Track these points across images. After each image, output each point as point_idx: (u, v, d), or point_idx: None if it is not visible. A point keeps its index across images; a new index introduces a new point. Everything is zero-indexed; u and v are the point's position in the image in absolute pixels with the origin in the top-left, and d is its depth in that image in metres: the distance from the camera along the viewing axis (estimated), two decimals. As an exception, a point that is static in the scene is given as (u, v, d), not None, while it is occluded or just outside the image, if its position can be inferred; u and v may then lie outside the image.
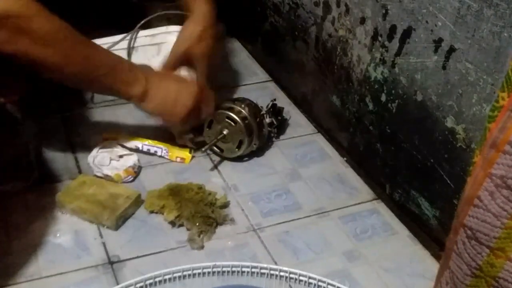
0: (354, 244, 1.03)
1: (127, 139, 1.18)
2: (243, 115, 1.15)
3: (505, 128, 0.57)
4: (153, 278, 0.89)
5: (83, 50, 0.95)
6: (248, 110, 1.16)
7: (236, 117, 1.14)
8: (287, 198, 1.12)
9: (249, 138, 1.15)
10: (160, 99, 1.05)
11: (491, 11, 0.80)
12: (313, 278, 0.91)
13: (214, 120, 1.16)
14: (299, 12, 1.31)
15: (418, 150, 1.02)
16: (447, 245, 0.68)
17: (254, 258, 0.99)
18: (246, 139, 1.14)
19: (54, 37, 0.89)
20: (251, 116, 1.15)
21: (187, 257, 0.97)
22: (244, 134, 1.14)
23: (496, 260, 0.60)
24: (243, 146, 1.15)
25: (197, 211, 1.03)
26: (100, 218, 1.01)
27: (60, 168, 1.13)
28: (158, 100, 1.05)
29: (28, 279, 0.91)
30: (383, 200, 1.13)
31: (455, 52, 0.88)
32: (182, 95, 1.07)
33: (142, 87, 1.02)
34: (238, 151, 1.16)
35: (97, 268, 0.95)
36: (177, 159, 1.17)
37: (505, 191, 0.57)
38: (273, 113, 1.23)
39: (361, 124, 1.17)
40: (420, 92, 0.98)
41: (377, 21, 1.05)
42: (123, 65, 1.01)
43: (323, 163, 1.21)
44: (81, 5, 1.34)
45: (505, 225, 0.58)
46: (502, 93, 0.59)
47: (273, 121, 1.22)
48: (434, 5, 0.90)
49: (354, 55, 1.14)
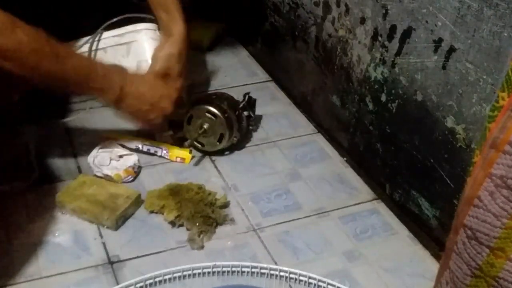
0: (354, 244, 1.03)
1: (127, 139, 1.18)
2: (223, 109, 1.16)
3: (505, 128, 0.57)
4: (153, 278, 0.89)
5: (51, 63, 0.94)
6: (227, 103, 1.18)
7: (216, 111, 1.15)
8: (287, 198, 1.12)
9: (230, 131, 1.16)
10: (138, 103, 1.07)
11: (491, 11, 0.80)
12: (313, 278, 0.91)
13: (193, 116, 1.17)
14: (299, 12, 1.31)
15: (418, 150, 1.02)
16: (447, 245, 0.68)
17: (254, 258, 0.99)
18: (227, 132, 1.16)
19: (15, 53, 0.89)
20: (230, 110, 1.17)
21: (187, 257, 0.97)
22: (225, 128, 1.16)
23: (496, 260, 0.60)
24: (224, 139, 1.17)
25: (197, 211, 1.03)
26: (100, 218, 1.01)
27: (60, 168, 1.13)
28: (135, 103, 1.06)
29: (28, 279, 0.91)
30: (383, 200, 1.13)
31: (455, 52, 0.88)
32: (162, 99, 1.10)
33: (116, 93, 1.03)
34: (220, 144, 1.18)
35: (97, 268, 0.95)
36: (177, 159, 1.17)
37: (505, 191, 0.57)
38: (249, 106, 1.23)
39: (361, 124, 1.17)
40: (420, 92, 0.98)
41: (377, 21, 1.05)
42: (96, 72, 1.00)
43: (323, 163, 1.21)
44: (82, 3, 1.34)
45: (505, 225, 0.58)
46: (502, 93, 0.59)
47: (250, 113, 1.23)
48: (434, 5, 0.90)
49: (354, 55, 1.14)
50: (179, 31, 1.14)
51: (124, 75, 1.06)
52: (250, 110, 1.23)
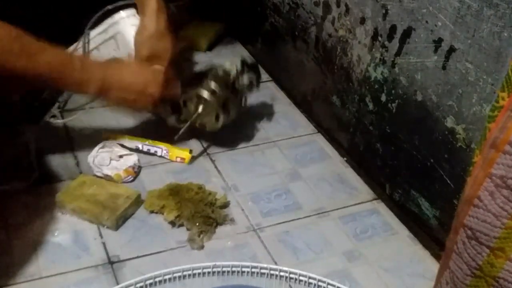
0: (354, 244, 1.03)
1: (127, 139, 1.18)
2: (211, 89, 1.13)
3: (505, 128, 0.57)
4: (153, 278, 0.89)
5: (20, 61, 0.92)
6: (215, 81, 1.13)
7: (204, 94, 1.13)
8: (287, 198, 1.12)
9: (223, 110, 1.14)
10: (122, 92, 1.05)
11: (491, 11, 0.80)
12: (313, 278, 0.91)
13: (186, 100, 1.15)
14: (299, 12, 1.31)
15: (418, 150, 1.02)
16: (447, 245, 0.68)
17: (254, 258, 0.99)
18: (220, 112, 1.14)
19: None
20: (221, 87, 1.13)
21: (187, 257, 0.97)
22: (218, 108, 1.13)
23: (496, 260, 0.60)
24: (220, 118, 1.15)
25: (197, 211, 1.03)
26: (100, 218, 1.01)
27: (60, 168, 1.13)
28: (120, 94, 1.04)
29: (28, 279, 0.91)
30: (383, 200, 1.13)
31: (455, 52, 0.88)
32: (148, 86, 1.07)
33: (98, 85, 1.01)
34: (218, 124, 1.16)
35: (97, 268, 0.95)
36: (177, 159, 1.17)
37: (505, 191, 0.57)
38: (249, 70, 1.19)
39: (361, 124, 1.17)
40: (420, 92, 0.98)
41: (377, 21, 1.05)
42: (73, 66, 0.99)
43: (323, 163, 1.21)
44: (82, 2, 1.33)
45: (505, 225, 0.58)
46: (502, 93, 0.59)
47: (253, 80, 1.19)
48: (434, 5, 0.90)
49: (354, 55, 1.14)
50: (151, 8, 1.10)
51: (105, 67, 1.04)
52: (253, 75, 1.19)
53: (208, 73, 1.16)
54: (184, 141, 1.21)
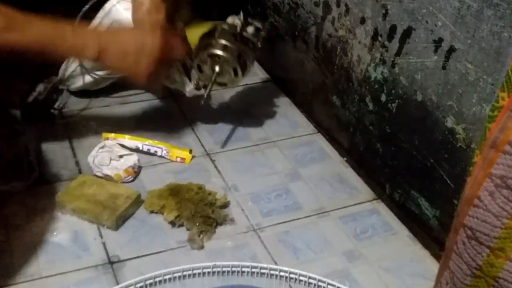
0: (354, 244, 1.03)
1: (127, 139, 1.18)
2: (222, 45, 1.12)
3: (505, 128, 0.57)
4: (153, 278, 0.89)
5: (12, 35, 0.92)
6: (223, 37, 1.13)
7: (216, 52, 1.12)
8: (287, 198, 1.12)
9: (240, 62, 1.14)
10: (121, 54, 1.03)
11: (491, 11, 0.80)
12: (313, 278, 0.91)
13: (200, 64, 1.15)
14: (299, 12, 1.31)
15: (418, 150, 1.02)
16: (447, 245, 0.68)
17: (254, 258, 0.99)
18: (237, 65, 1.14)
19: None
20: (230, 41, 1.13)
21: (187, 257, 0.97)
22: (234, 62, 1.13)
23: (496, 260, 0.60)
24: (239, 71, 1.15)
25: (197, 211, 1.03)
26: (100, 218, 1.01)
27: (60, 168, 1.13)
28: (118, 55, 1.03)
29: (28, 279, 0.91)
30: (383, 200, 1.13)
31: (455, 52, 0.88)
32: (146, 46, 1.04)
33: (95, 49, 1.00)
34: (238, 77, 1.16)
35: (97, 268, 0.95)
36: (177, 159, 1.17)
37: (505, 191, 0.57)
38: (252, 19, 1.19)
39: (361, 124, 1.17)
40: (420, 92, 0.98)
41: (377, 21, 1.05)
42: (64, 35, 0.98)
43: (323, 163, 1.21)
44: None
45: (505, 225, 0.58)
46: (502, 93, 0.59)
47: (259, 26, 1.18)
48: (434, 5, 0.90)
49: (354, 55, 1.14)
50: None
51: (99, 32, 1.05)
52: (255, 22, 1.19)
53: (214, 32, 1.15)
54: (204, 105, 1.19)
